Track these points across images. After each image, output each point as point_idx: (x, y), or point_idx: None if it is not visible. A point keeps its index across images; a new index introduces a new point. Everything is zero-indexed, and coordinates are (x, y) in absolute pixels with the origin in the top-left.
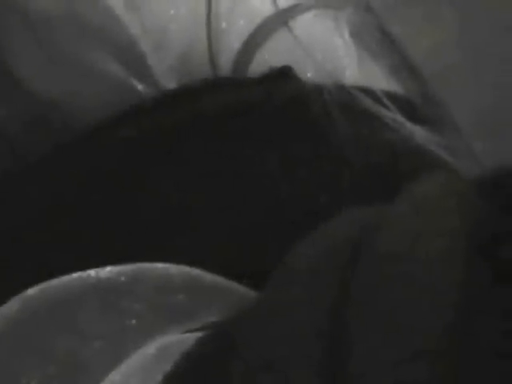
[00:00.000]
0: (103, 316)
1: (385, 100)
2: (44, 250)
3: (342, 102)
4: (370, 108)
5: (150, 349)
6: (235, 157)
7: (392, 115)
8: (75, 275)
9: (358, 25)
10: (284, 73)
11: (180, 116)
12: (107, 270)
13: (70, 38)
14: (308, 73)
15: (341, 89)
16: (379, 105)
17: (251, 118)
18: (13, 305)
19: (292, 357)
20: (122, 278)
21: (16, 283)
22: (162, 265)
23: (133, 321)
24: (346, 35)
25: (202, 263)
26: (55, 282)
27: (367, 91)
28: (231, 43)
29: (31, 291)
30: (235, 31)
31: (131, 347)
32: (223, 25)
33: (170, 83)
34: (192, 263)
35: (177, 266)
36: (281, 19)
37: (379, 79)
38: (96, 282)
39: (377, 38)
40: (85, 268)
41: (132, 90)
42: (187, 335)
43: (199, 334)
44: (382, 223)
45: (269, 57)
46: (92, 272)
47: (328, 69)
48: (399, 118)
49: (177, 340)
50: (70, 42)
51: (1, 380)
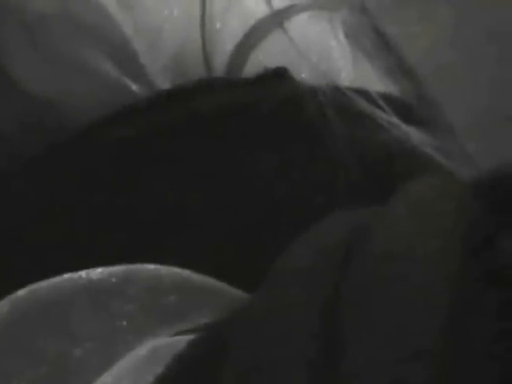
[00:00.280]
0: (94, 317)
1: (380, 101)
2: (41, 250)
3: (337, 104)
4: (365, 109)
5: (142, 350)
6: (229, 157)
7: (387, 117)
8: (66, 276)
9: (353, 26)
10: (279, 74)
11: (174, 116)
12: (98, 271)
13: (64, 37)
14: (303, 74)
15: (336, 90)
16: (374, 106)
17: (246, 119)
18: (2, 306)
19: (284, 358)
20: (113, 280)
21: (13, 284)
22: (153, 266)
23: (124, 322)
24: (341, 36)
25: (198, 263)
26: (45, 283)
27: (362, 93)
28: (225, 44)
29: (21, 292)
30: (229, 32)
31: (122, 348)
32: (217, 25)
33: (164, 83)
34: (187, 263)
35: (167, 268)
36: (275, 20)
37: (374, 80)
38: (87, 283)
39: (372, 39)
40: (81, 268)
41: (126, 90)
42: (179, 337)
43: (191, 336)
44: (377, 224)
45: (263, 58)
46: (83, 273)
47: (323, 70)
48: (394, 120)
49: (168, 342)
50: (64, 41)
51: None
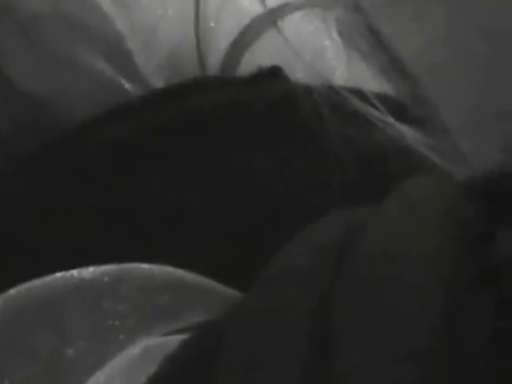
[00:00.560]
0: (87, 316)
1: (374, 100)
2: (37, 250)
3: (332, 103)
4: (360, 109)
5: (134, 350)
6: (224, 156)
7: (381, 116)
8: (58, 275)
9: (347, 24)
10: (273, 73)
11: (168, 115)
12: (90, 270)
13: (58, 36)
14: (297, 73)
15: (330, 89)
16: (368, 105)
17: (240, 118)
18: None
19: (278, 358)
20: (106, 279)
21: (9, 284)
22: (146, 265)
23: (116, 321)
24: (335, 35)
25: (194, 263)
26: (38, 282)
27: (356, 92)
28: (220, 43)
29: (13, 291)
30: (224, 31)
31: (115, 348)
32: (212, 24)
33: (158, 82)
34: (183, 263)
35: (160, 267)
36: (269, 19)
37: (368, 79)
38: (79, 282)
39: (366, 38)
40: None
41: (120, 89)
42: (171, 337)
43: (183, 336)
44: (371, 224)
45: (257, 57)
46: (75, 272)
47: (317, 69)
48: (388, 119)
49: (161, 341)
50: (58, 40)
51: None
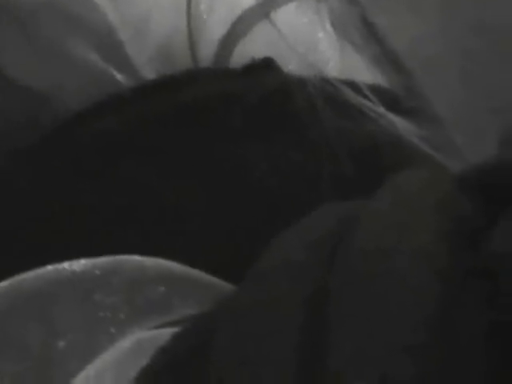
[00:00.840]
0: (78, 309)
1: (367, 92)
2: (36, 248)
3: (325, 94)
4: (353, 100)
5: (126, 343)
6: (217, 148)
7: (374, 107)
8: (50, 267)
9: (341, 16)
10: (266, 64)
11: (160, 107)
12: (82, 263)
13: (53, 29)
14: (290, 65)
15: (323, 81)
16: (361, 97)
17: (233, 110)
18: None
19: (271, 351)
20: (97, 271)
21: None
22: (137, 257)
23: (108, 313)
24: (329, 27)
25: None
26: (29, 275)
27: (349, 83)
28: (212, 34)
29: (5, 283)
30: (216, 22)
31: (106, 340)
32: (204, 15)
33: (150, 74)
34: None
35: (152, 259)
36: (262, 11)
37: (362, 71)
38: (70, 275)
39: (359, 30)
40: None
41: (112, 81)
42: (163, 329)
43: (175, 328)
44: (364, 217)
45: (250, 48)
46: (66, 264)
47: (310, 61)
48: (381, 110)
49: (153, 334)
50: (53, 33)
51: None
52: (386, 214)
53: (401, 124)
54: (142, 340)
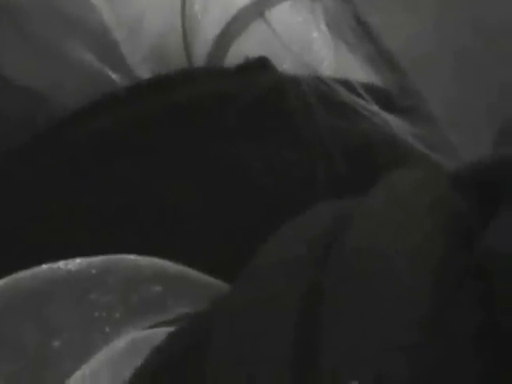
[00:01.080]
0: (73, 308)
1: (361, 91)
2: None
3: (319, 93)
4: (347, 99)
5: (121, 342)
6: (211, 147)
7: (368, 106)
8: (45, 267)
9: (336, 16)
10: (261, 63)
11: (155, 106)
12: (77, 262)
13: (49, 29)
14: (284, 64)
15: (318, 80)
16: (356, 96)
17: (227, 109)
18: None
19: (265, 350)
20: (92, 270)
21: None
22: (132, 256)
23: (103, 313)
24: (323, 26)
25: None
26: (25, 274)
27: (343, 82)
28: (206, 34)
29: (1, 282)
30: (211, 22)
31: (101, 339)
32: (198, 15)
33: (145, 73)
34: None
35: (147, 258)
36: (257, 10)
37: (356, 70)
38: (66, 274)
39: (354, 29)
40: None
41: (107, 80)
42: (158, 329)
43: (170, 328)
44: (358, 216)
45: (244, 48)
46: (62, 264)
47: (305, 60)
48: (376, 109)
49: (148, 334)
50: (49, 33)
51: None
52: (381, 213)
53: (395, 122)
54: (137, 340)
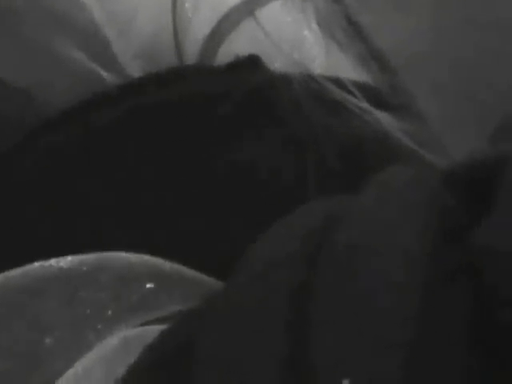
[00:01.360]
0: (65, 305)
1: (353, 89)
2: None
3: (311, 91)
4: (338, 96)
5: (113, 340)
6: (203, 146)
7: (360, 103)
8: (36, 264)
9: (326, 15)
10: (252, 62)
11: (146, 104)
12: (68, 260)
13: (37, 26)
14: (275, 63)
15: (309, 78)
16: (347, 93)
17: (218, 107)
18: None
19: (255, 349)
20: (84, 268)
21: None
22: (124, 254)
23: (95, 310)
24: (314, 25)
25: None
26: (16, 271)
27: (334, 80)
28: (197, 32)
29: None
30: (201, 20)
31: (93, 337)
32: (189, 14)
33: (136, 71)
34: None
35: (139, 255)
36: (247, 9)
37: (347, 69)
38: (57, 271)
39: (345, 28)
40: None
41: (98, 79)
42: (150, 327)
43: (163, 326)
44: (349, 214)
45: (235, 46)
46: (53, 261)
47: (296, 59)
48: (367, 107)
49: (140, 331)
50: (38, 30)
51: None
52: (372, 211)
53: (386, 120)
54: (130, 337)
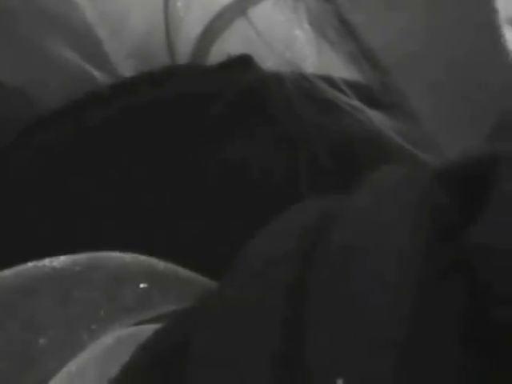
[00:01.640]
0: (58, 305)
1: (344, 87)
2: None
3: (303, 90)
4: (331, 95)
5: (107, 339)
6: (195, 145)
7: (352, 102)
8: (30, 264)
9: (318, 14)
10: (244, 61)
11: (138, 104)
12: (62, 259)
13: (29, 25)
14: (267, 62)
15: (301, 77)
16: (339, 92)
17: (211, 107)
18: None
19: (250, 348)
20: (77, 268)
21: None
22: (117, 253)
23: (89, 310)
24: (306, 24)
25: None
26: (10, 271)
27: (327, 79)
28: (189, 32)
29: None
30: (194, 20)
31: (87, 337)
32: (181, 13)
33: (128, 71)
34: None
35: (132, 255)
36: (239, 8)
37: (339, 69)
38: (51, 271)
39: (336, 27)
40: None
41: (90, 78)
42: (144, 326)
43: (156, 325)
44: (343, 214)
45: (227, 46)
46: (46, 261)
47: (288, 58)
48: (359, 105)
49: (134, 331)
50: (29, 30)
51: None
52: (365, 212)
53: (378, 118)
54: (123, 336)
